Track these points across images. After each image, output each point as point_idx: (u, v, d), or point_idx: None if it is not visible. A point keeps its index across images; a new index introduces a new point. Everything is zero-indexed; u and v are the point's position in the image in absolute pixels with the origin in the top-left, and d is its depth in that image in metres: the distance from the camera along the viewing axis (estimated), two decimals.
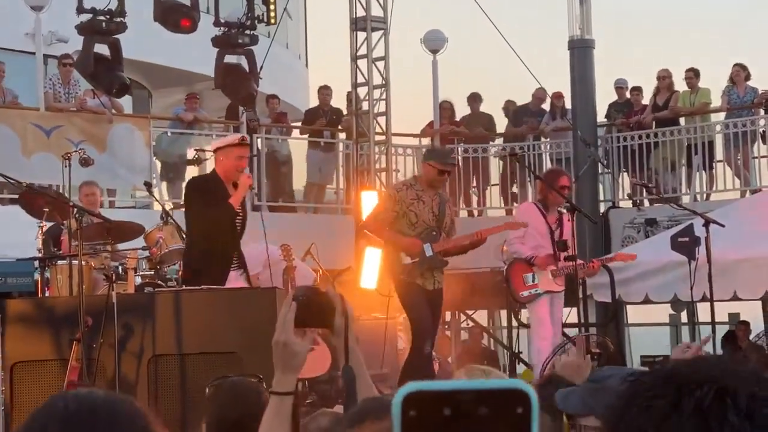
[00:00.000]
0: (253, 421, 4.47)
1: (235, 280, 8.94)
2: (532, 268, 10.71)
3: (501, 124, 18.43)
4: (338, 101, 17.42)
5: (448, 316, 17.83)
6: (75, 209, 8.67)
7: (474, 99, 18.24)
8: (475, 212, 18.13)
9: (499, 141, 18.66)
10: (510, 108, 18.28)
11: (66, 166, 10.84)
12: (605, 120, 17.52)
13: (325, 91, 17.47)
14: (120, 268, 10.24)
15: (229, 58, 13.18)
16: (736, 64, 16.52)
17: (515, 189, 17.93)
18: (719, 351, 14.79)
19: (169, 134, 16.53)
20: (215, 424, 4.49)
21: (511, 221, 15.44)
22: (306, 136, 17.72)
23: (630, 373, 1.82)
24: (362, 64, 16.01)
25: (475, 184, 17.95)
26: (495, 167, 18.12)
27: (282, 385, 3.17)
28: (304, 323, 3.21)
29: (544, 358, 10.12)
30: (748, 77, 16.47)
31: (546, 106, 17.83)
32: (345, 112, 17.10)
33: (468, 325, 16.77)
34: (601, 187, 17.01)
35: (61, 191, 12.02)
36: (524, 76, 17.00)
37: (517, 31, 18.33)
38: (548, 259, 10.67)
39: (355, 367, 3.18)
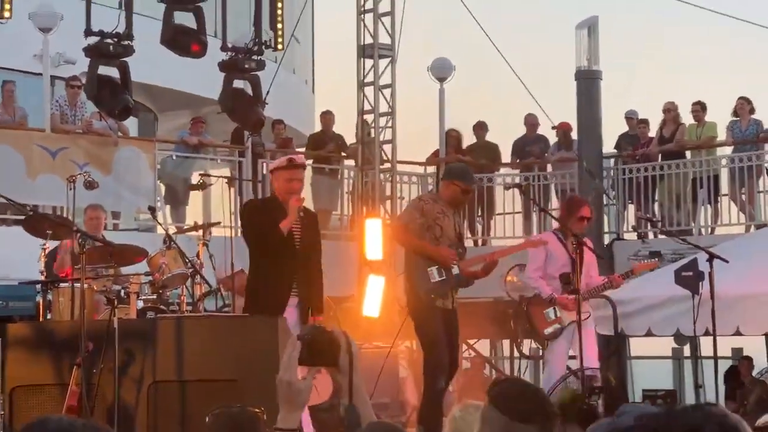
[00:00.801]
0: None
1: (289, 307, 8.81)
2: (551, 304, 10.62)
3: (507, 153, 18.43)
4: (345, 127, 17.43)
5: None
6: (78, 233, 8.65)
7: (480, 127, 18.24)
8: (480, 241, 18.10)
9: (505, 170, 18.64)
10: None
11: (71, 189, 10.83)
12: (613, 151, 17.52)
13: (327, 116, 17.49)
14: (122, 291, 10.24)
15: (236, 83, 13.19)
16: (740, 98, 16.53)
17: (534, 218, 17.91)
18: (721, 386, 14.75)
19: (174, 158, 16.53)
20: None
21: (530, 239, 15.42)
22: (310, 161, 17.73)
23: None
24: (369, 91, 16.02)
25: (480, 214, 17.93)
26: (500, 197, 18.09)
27: (286, 422, 3.21)
28: (310, 362, 3.22)
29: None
30: (752, 110, 16.47)
31: (542, 131, 17.87)
32: (354, 139, 17.10)
33: (470, 355, 16.73)
34: (606, 218, 16.97)
35: (65, 213, 12.04)
36: (531, 106, 17.04)
37: (525, 61, 18.37)
38: (567, 301, 10.53)
39: (359, 405, 3.18)
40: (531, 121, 17.86)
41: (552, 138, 17.86)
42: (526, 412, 3.22)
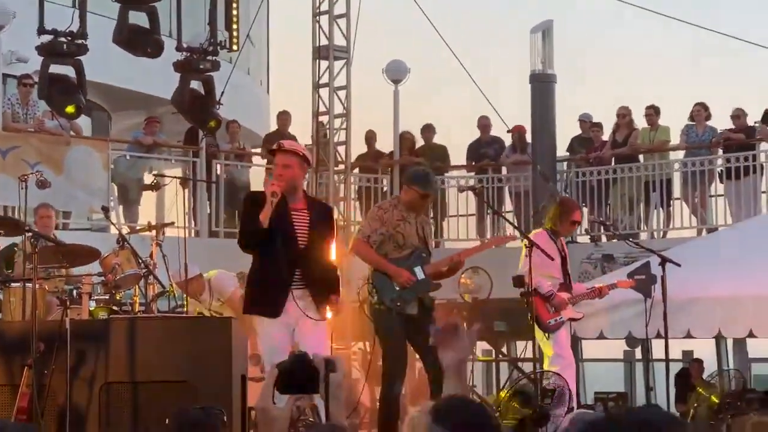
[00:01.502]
0: None
1: (297, 300, 8.35)
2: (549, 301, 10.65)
3: (455, 155, 18.45)
4: (300, 128, 17.40)
5: None
6: (30, 232, 8.58)
7: (428, 130, 18.25)
8: (432, 243, 18.08)
9: (459, 173, 18.66)
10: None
11: (23, 188, 10.74)
12: (566, 154, 17.58)
13: (284, 117, 17.45)
14: (74, 292, 10.17)
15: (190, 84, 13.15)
16: (697, 104, 16.65)
17: (488, 221, 17.95)
18: (672, 388, 14.84)
19: (127, 157, 16.44)
20: None
21: (498, 237, 15.44)
22: (265, 162, 17.71)
23: None
24: (324, 92, 16.01)
25: (432, 216, 17.95)
26: (454, 199, 18.11)
27: None
28: (287, 390, 3.25)
29: (570, 384, 10.02)
30: (708, 117, 16.60)
31: (496, 133, 17.91)
32: (308, 140, 17.07)
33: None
34: None
35: (16, 213, 11.94)
36: (486, 108, 17.08)
37: (480, 64, 18.41)
38: (564, 300, 10.66)
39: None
40: (483, 123, 17.91)
41: (507, 140, 17.91)
42: (471, 427, 3.21)
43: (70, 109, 12.09)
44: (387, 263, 9.38)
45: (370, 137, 17.69)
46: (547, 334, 10.66)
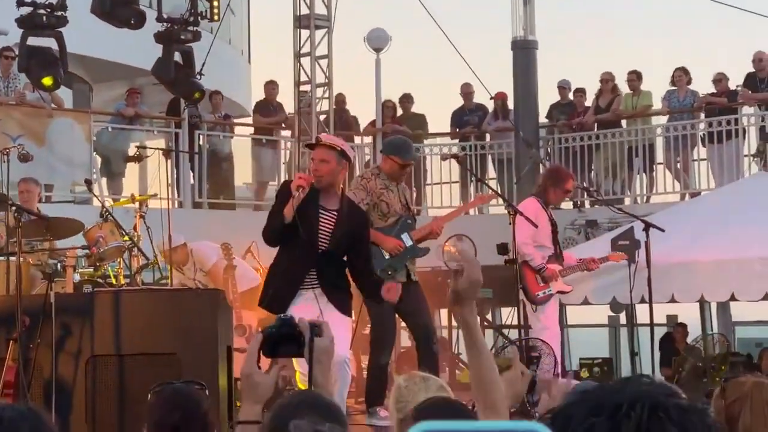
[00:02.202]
0: (192, 428, 4.44)
1: (304, 302, 8.12)
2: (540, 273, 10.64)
3: (437, 123, 18.45)
4: (282, 98, 17.37)
5: None
6: (13, 206, 8.56)
7: (406, 99, 18.23)
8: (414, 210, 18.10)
9: (441, 140, 18.66)
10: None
11: (4, 162, 10.72)
12: (547, 121, 17.59)
13: (271, 87, 17.41)
14: (59, 265, 10.16)
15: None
16: (678, 68, 16.65)
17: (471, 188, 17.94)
18: (657, 353, 14.91)
19: (110, 129, 16.38)
20: (155, 430, 4.44)
21: (479, 196, 15.40)
22: (250, 132, 17.70)
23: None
24: (305, 62, 15.96)
25: (414, 184, 17.95)
26: (437, 167, 18.11)
27: (247, 414, 3.24)
28: (271, 354, 3.26)
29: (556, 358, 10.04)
30: (689, 81, 16.60)
31: (479, 98, 17.91)
32: (290, 109, 17.06)
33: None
34: None
35: None
36: (468, 75, 17.06)
37: (461, 31, 18.38)
38: (555, 273, 10.66)
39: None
40: (466, 90, 17.89)
41: (491, 107, 17.89)
42: None
43: (47, 81, 12.04)
44: (376, 232, 9.38)
45: (341, 101, 17.49)
46: (534, 306, 10.65)
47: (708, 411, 1.74)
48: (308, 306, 8.02)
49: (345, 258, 8.36)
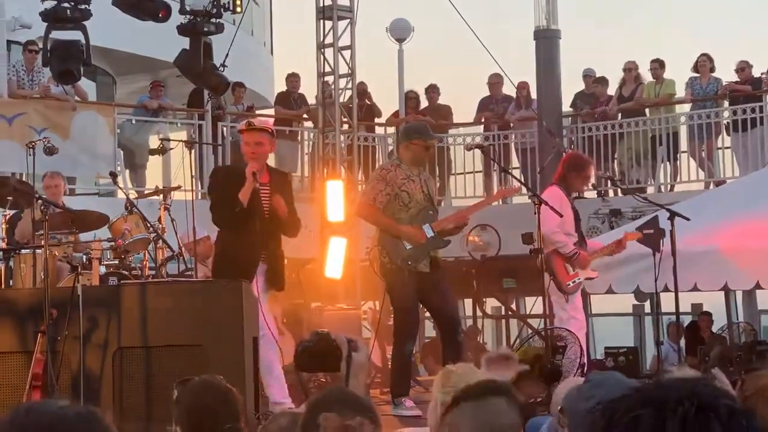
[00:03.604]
0: (223, 411, 4.46)
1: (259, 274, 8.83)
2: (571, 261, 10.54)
3: (460, 114, 18.44)
4: (305, 89, 17.40)
5: None
6: (39, 199, 8.60)
7: (432, 90, 18.22)
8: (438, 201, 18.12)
9: (465, 130, 18.66)
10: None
11: (30, 155, 10.76)
12: (570, 110, 17.55)
13: (293, 79, 17.43)
14: (84, 258, 10.19)
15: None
16: (702, 55, 16.58)
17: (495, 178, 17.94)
18: (683, 341, 14.89)
19: (133, 122, 16.44)
20: (184, 423, 4.46)
21: (502, 189, 15.41)
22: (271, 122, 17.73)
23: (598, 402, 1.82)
24: (328, 53, 15.95)
25: (438, 174, 17.95)
26: (460, 156, 18.10)
27: None
28: (309, 368, 3.29)
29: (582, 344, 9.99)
30: (712, 69, 16.54)
31: (506, 90, 17.87)
32: (313, 100, 17.08)
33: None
34: None
35: (24, 179, 11.94)
36: (491, 65, 17.03)
37: (484, 21, 18.34)
38: (587, 259, 10.57)
39: None
40: (492, 81, 17.85)
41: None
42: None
43: (67, 73, 12.13)
44: (395, 225, 9.42)
45: (363, 90, 17.45)
46: (567, 297, 10.50)
47: (756, 416, 1.73)
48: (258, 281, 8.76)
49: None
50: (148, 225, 10.61)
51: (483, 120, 18.11)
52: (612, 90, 17.34)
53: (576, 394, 3.75)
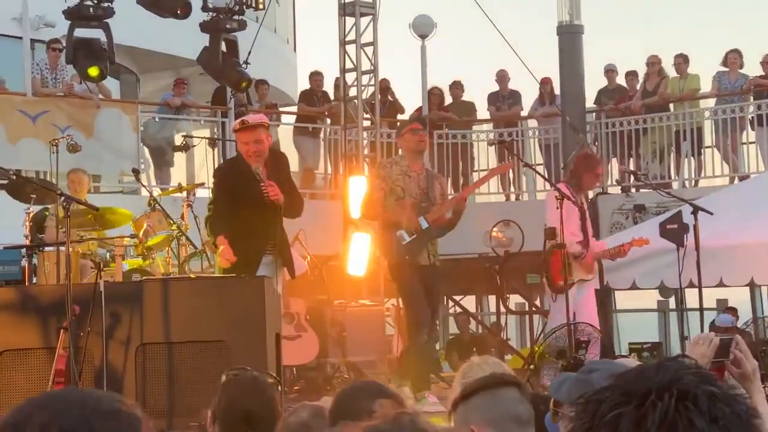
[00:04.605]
0: (265, 416, 4.46)
1: (264, 267, 8.84)
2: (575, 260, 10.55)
3: (482, 111, 18.41)
4: (327, 86, 17.40)
5: None
6: (62, 196, 8.63)
7: (456, 86, 18.21)
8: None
9: (486, 126, 18.63)
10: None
11: (54, 153, 10.80)
12: (594, 106, 17.50)
13: (317, 77, 17.44)
14: (108, 254, 10.23)
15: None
16: (731, 50, 16.46)
17: (511, 175, 17.92)
18: None
19: (156, 119, 16.48)
20: (225, 413, 4.46)
21: (498, 166, 15.55)
22: (293, 120, 17.74)
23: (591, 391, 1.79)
24: (351, 49, 15.94)
25: (462, 170, 17.94)
26: (483, 153, 18.08)
27: None
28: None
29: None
30: (741, 65, 16.45)
31: (514, 86, 17.88)
32: (332, 97, 17.09)
33: (456, 311, 16.78)
34: None
35: (48, 177, 12.00)
36: (513, 61, 16.99)
37: (506, 16, 18.29)
38: (591, 263, 10.63)
39: None
40: (500, 75, 17.88)
41: (525, 93, 17.91)
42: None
43: (93, 71, 12.14)
44: (389, 214, 9.70)
45: (385, 87, 17.43)
46: (554, 295, 10.58)
47: (740, 398, 1.71)
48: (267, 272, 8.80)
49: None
50: (171, 222, 10.65)
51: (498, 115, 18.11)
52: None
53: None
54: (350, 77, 16.00)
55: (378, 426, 2.73)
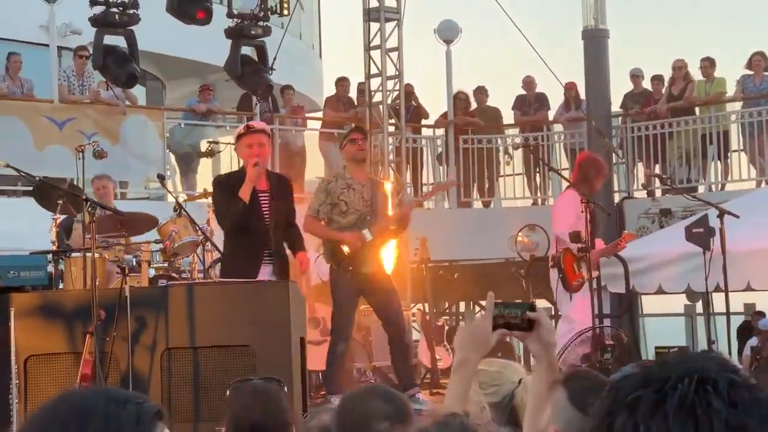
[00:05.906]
0: (272, 426, 4.44)
1: (264, 275, 8.83)
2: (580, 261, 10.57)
3: (508, 117, 18.41)
4: (352, 91, 17.40)
5: (462, 306, 17.85)
6: (88, 202, 8.66)
7: (481, 92, 18.21)
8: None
9: (511, 131, 18.63)
10: None
11: (79, 159, 10.83)
12: (620, 110, 17.46)
13: (343, 83, 17.45)
14: (134, 260, 10.26)
15: (242, 50, 13.20)
16: (756, 53, 16.40)
17: (537, 179, 17.92)
18: (734, 342, 14.76)
19: (182, 126, 16.53)
20: (234, 427, 4.45)
21: (442, 183, 15.81)
22: (318, 126, 17.77)
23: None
24: (376, 54, 15.97)
25: (487, 176, 17.93)
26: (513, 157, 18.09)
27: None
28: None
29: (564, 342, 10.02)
30: (767, 68, 16.37)
31: (541, 90, 17.86)
32: (356, 102, 17.10)
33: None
34: (615, 177, 16.94)
35: (74, 184, 12.04)
36: (538, 65, 16.97)
37: (532, 21, 18.29)
38: (597, 260, 10.67)
39: None
40: (527, 81, 17.89)
41: (550, 98, 17.87)
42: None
43: (126, 78, 12.23)
44: (335, 233, 9.90)
45: (410, 92, 17.42)
46: (570, 294, 10.59)
47: (760, 387, 1.72)
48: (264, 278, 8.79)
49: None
50: (197, 227, 10.66)
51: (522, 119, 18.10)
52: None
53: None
54: (375, 82, 16.01)
55: (427, 428, 2.74)
